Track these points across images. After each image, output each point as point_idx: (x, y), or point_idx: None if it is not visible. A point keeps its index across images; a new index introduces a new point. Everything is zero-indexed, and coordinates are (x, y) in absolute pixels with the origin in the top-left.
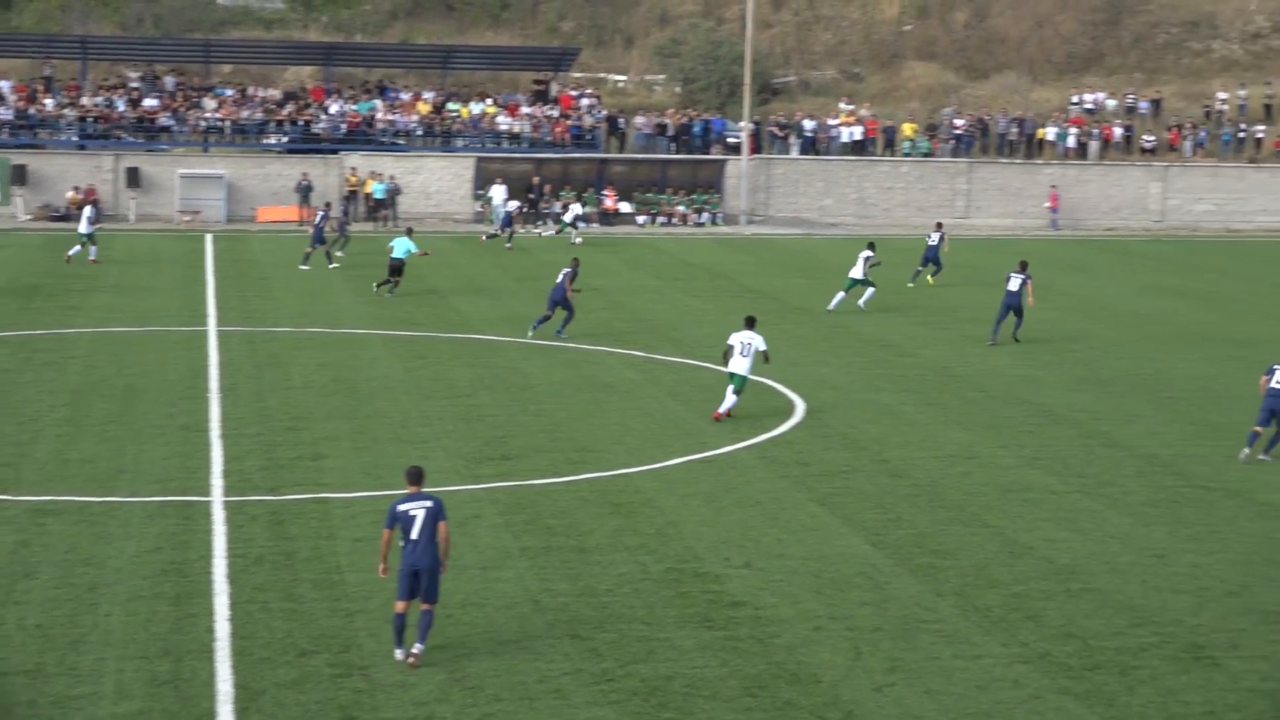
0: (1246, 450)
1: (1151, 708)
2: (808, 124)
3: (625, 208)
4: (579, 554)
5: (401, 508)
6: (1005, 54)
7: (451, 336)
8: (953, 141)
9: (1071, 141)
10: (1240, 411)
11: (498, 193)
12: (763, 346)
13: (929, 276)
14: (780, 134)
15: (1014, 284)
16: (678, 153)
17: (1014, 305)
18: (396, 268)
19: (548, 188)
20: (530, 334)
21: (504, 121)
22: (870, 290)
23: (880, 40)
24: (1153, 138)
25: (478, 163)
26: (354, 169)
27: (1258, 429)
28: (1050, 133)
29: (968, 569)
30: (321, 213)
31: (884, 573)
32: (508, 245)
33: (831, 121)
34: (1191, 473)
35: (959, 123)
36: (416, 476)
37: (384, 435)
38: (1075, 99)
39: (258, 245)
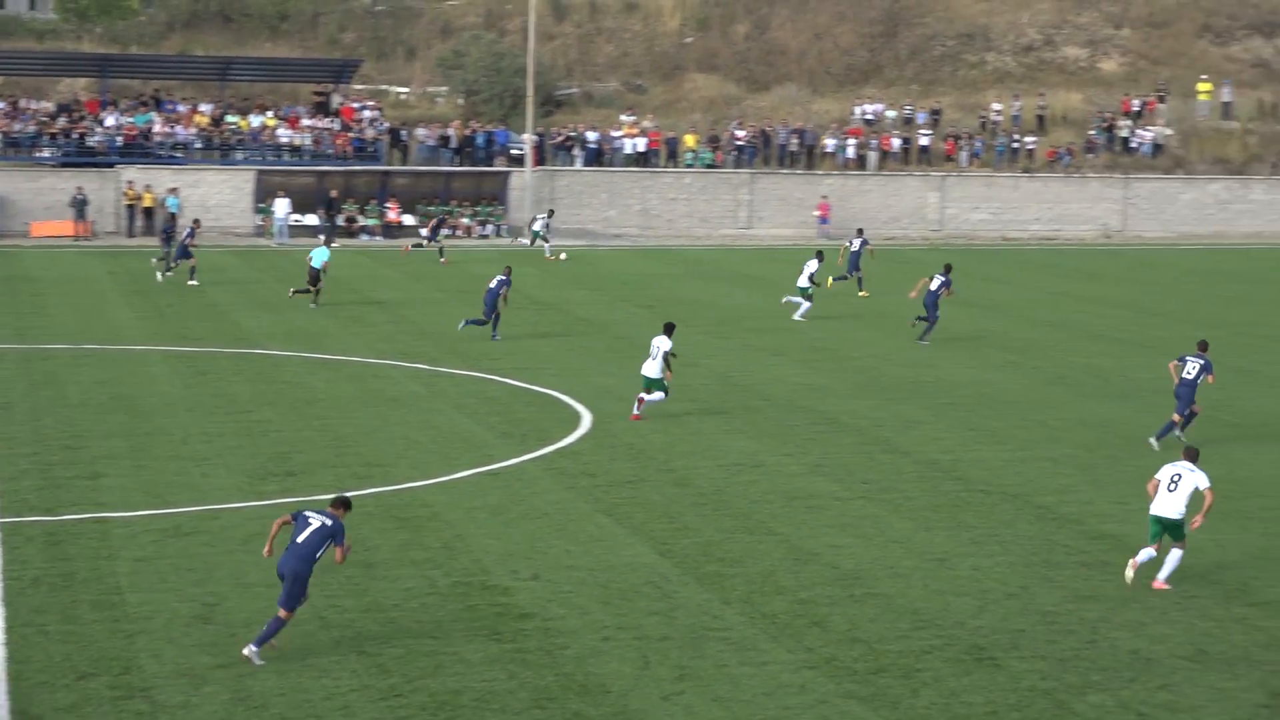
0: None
1: (935, 709)
2: (591, 135)
3: (408, 220)
4: (365, 569)
5: (306, 513)
6: (786, 66)
7: (233, 351)
8: (735, 153)
9: (851, 152)
10: (1016, 416)
11: (280, 206)
12: (667, 347)
13: (857, 288)
14: (564, 145)
15: (935, 284)
16: (461, 165)
17: (932, 304)
18: (314, 277)
19: (340, 198)
20: (460, 328)
21: (285, 134)
22: (806, 304)
23: (662, 52)
24: (929, 136)
25: (258, 176)
26: (130, 182)
27: (1175, 417)
28: (830, 144)
29: (754, 576)
30: (189, 229)
31: (671, 581)
32: (441, 260)
33: (615, 133)
34: (971, 477)
35: (741, 134)
36: (341, 503)
37: (164, 453)
38: (855, 110)
39: (31, 261)
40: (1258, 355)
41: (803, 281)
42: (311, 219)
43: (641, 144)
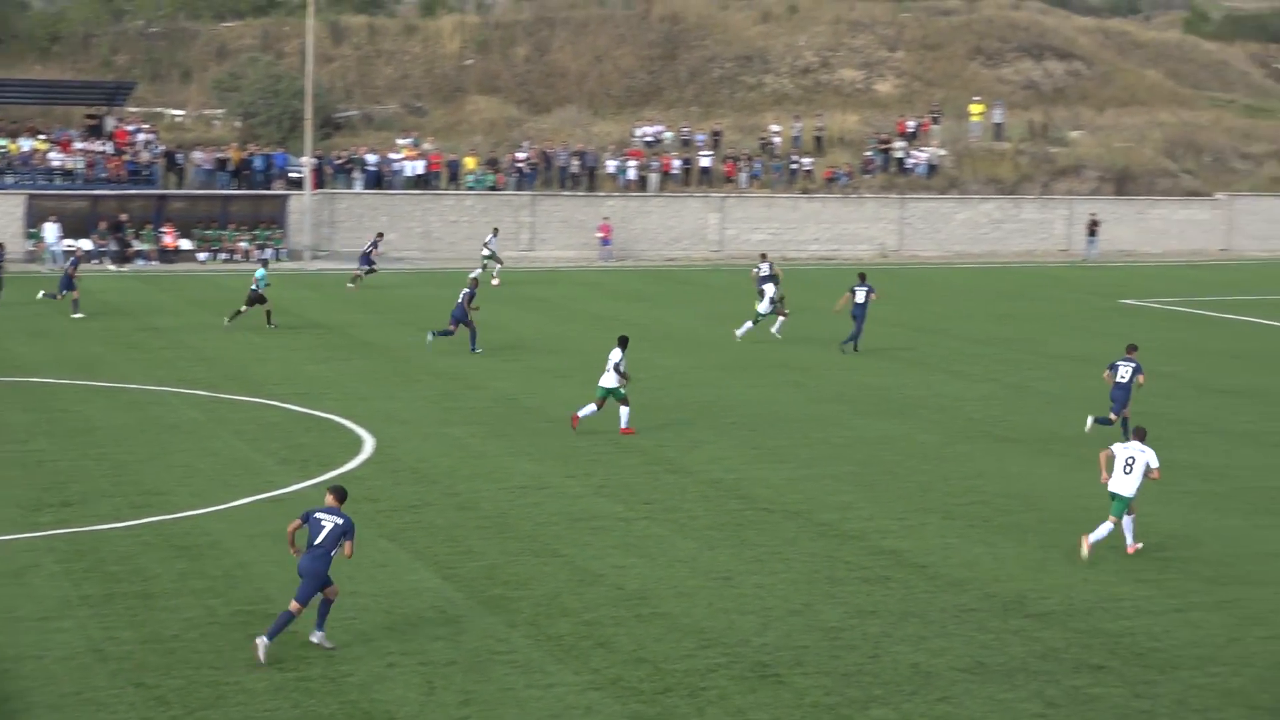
0: (1092, 420)
1: None
2: (371, 158)
3: (185, 244)
4: (144, 600)
5: (317, 514)
6: (566, 88)
7: (6, 380)
8: (516, 175)
9: (632, 174)
10: (798, 434)
11: (50, 230)
12: (618, 359)
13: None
14: (344, 168)
15: (860, 296)
16: (239, 188)
17: (860, 316)
18: (255, 298)
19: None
20: (429, 340)
21: (56, 158)
22: (781, 319)
23: (442, 74)
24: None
25: (29, 200)
26: None
27: (1112, 416)
28: (611, 165)
29: (540, 599)
30: (73, 258)
31: (456, 606)
32: (350, 285)
33: (394, 156)
34: (754, 495)
35: (521, 156)
36: (339, 493)
37: None
38: (635, 132)
39: None
40: (1031, 371)
41: (764, 307)
42: (85, 243)
43: (421, 166)
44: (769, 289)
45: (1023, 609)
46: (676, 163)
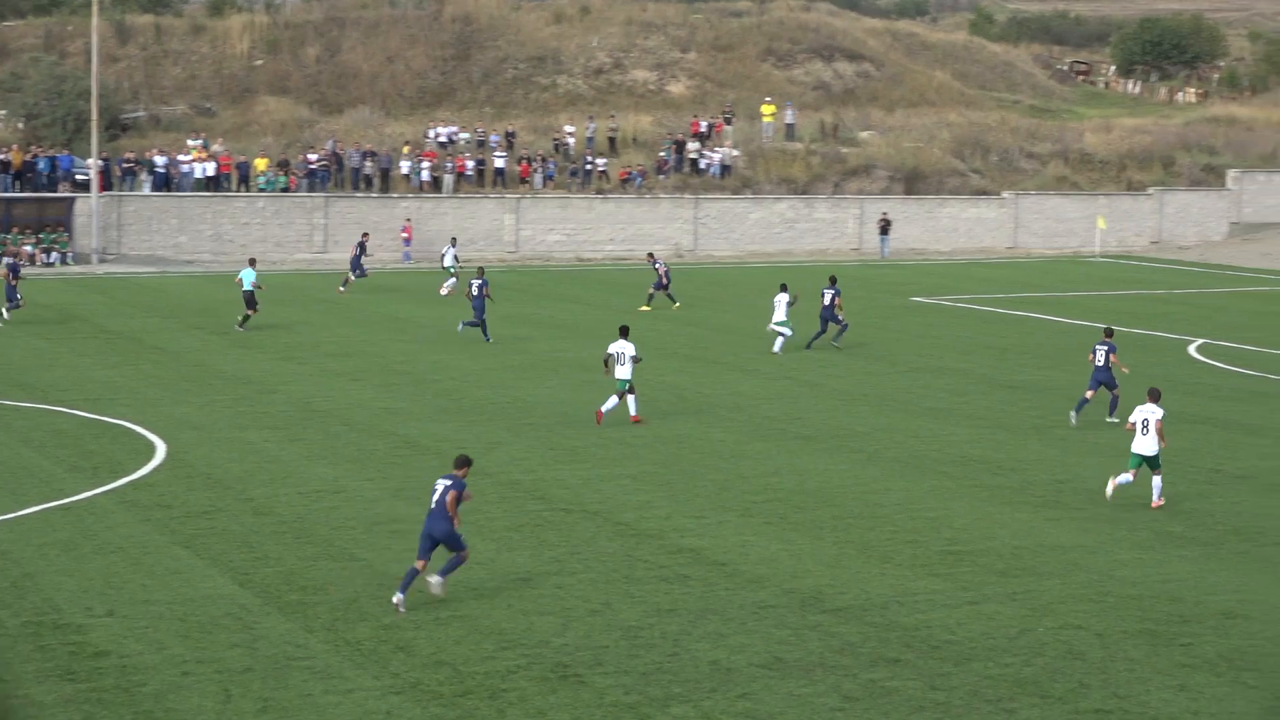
0: (1075, 414)
1: None
2: (159, 160)
3: None
4: None
5: (436, 483)
6: (358, 89)
7: None
8: (308, 176)
9: (426, 175)
10: (595, 434)
11: None
12: (633, 352)
13: (671, 304)
14: (131, 170)
15: (827, 298)
16: (22, 191)
17: (828, 318)
18: (249, 299)
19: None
20: (460, 330)
21: None
22: (786, 332)
23: (231, 75)
24: (499, 158)
25: None
26: None
27: (1088, 395)
28: (404, 166)
29: (338, 604)
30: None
31: (252, 612)
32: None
33: (183, 158)
34: (552, 496)
35: (313, 157)
36: (461, 462)
37: None
38: (429, 133)
39: None
40: (824, 369)
41: (780, 315)
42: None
43: (211, 168)
44: (783, 298)
45: (820, 604)
46: (471, 164)
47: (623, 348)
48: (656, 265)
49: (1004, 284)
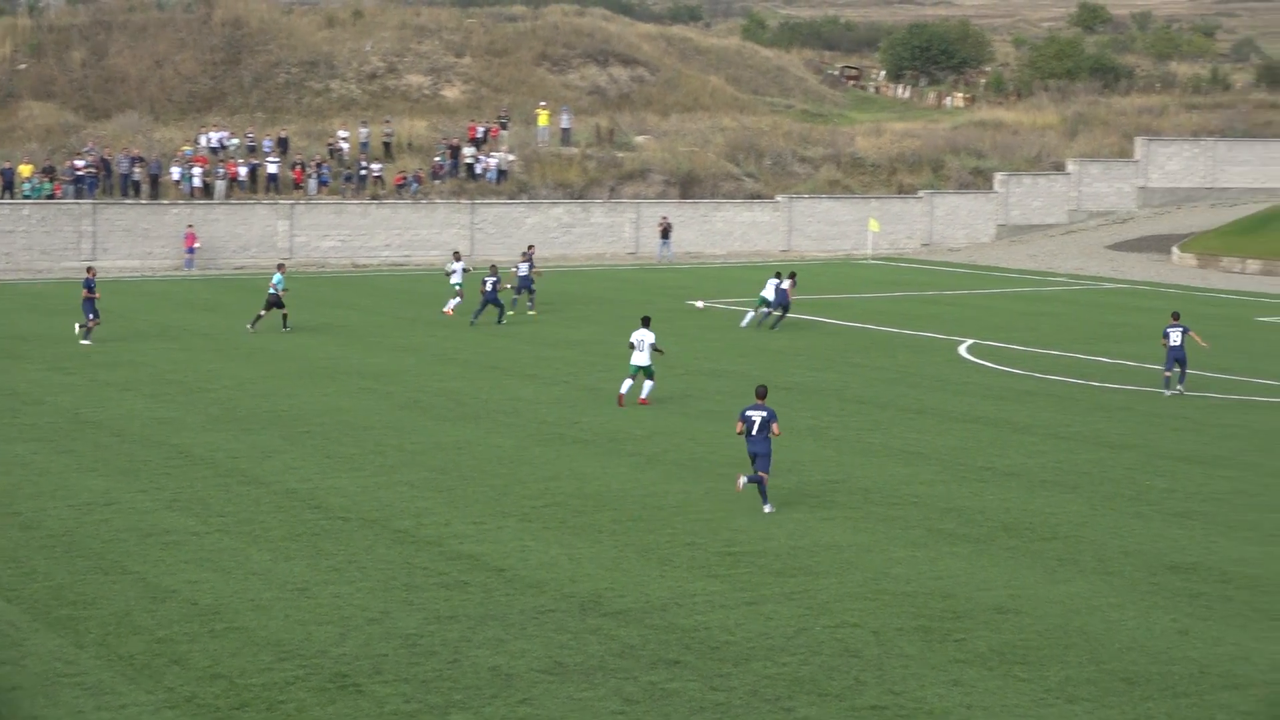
0: (1167, 390)
1: None
2: None
3: None
4: None
5: (748, 411)
6: (126, 93)
7: None
8: (74, 183)
9: (197, 180)
10: (372, 441)
11: None
12: (653, 339)
13: (527, 308)
14: None
15: (786, 283)
16: None
17: (780, 304)
18: (274, 301)
19: None
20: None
21: None
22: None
23: None
24: (273, 164)
25: None
26: None
27: (1167, 374)
28: (175, 172)
29: (109, 618)
30: None
31: (20, 629)
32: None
33: None
34: (329, 504)
35: (80, 164)
36: (762, 393)
37: None
38: (200, 138)
39: None
40: (602, 374)
41: (769, 293)
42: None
43: None
44: (774, 283)
45: (600, 608)
46: (243, 169)
47: (643, 335)
48: (523, 266)
49: None
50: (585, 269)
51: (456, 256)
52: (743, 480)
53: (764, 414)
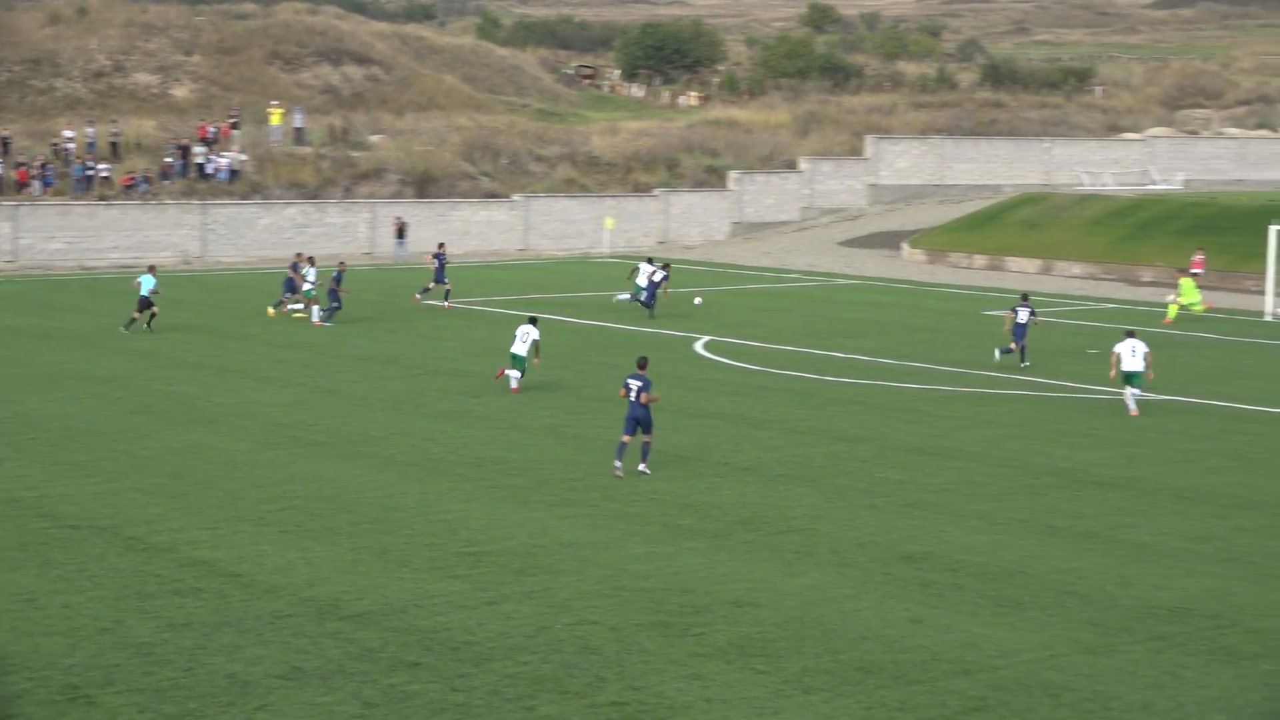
0: (998, 354)
1: None
2: None
3: None
4: None
5: (629, 380)
6: None
7: None
8: None
9: None
10: (103, 448)
11: None
12: (536, 337)
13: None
14: None
15: (657, 276)
16: None
17: (650, 293)
18: (146, 302)
19: None
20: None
21: None
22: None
23: None
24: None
25: None
26: None
27: (1012, 346)
28: None
29: None
30: None
31: None
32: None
33: None
34: (58, 513)
35: None
36: (642, 364)
37: None
38: None
39: None
40: (338, 375)
41: (642, 280)
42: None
43: None
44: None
45: (338, 611)
46: None
47: (526, 330)
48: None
49: (516, 285)
50: (320, 269)
51: (310, 261)
52: (619, 462)
53: (640, 383)
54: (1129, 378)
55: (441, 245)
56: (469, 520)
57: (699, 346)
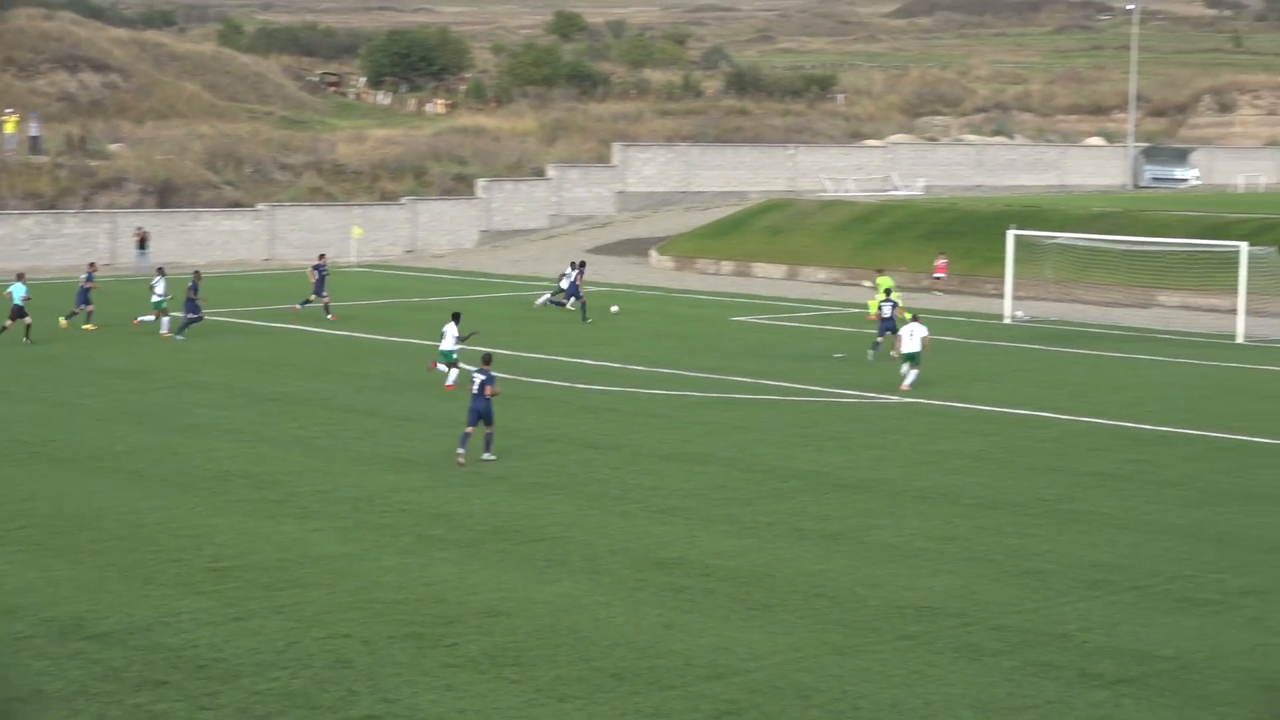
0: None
1: None
2: None
3: None
4: None
5: (473, 373)
6: None
7: None
8: None
9: None
10: None
11: None
12: (455, 332)
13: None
14: None
15: (565, 283)
16: None
17: (572, 293)
18: (19, 311)
19: None
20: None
21: None
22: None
23: None
24: None
25: None
26: None
27: (878, 339)
28: None
29: None
30: None
31: None
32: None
33: None
34: None
35: None
36: (487, 359)
37: None
38: None
39: None
40: (80, 389)
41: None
42: None
43: None
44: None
45: (81, 631)
46: None
47: (448, 328)
48: (318, 269)
49: (262, 296)
50: (58, 282)
51: (160, 272)
52: (462, 449)
53: (483, 377)
54: (908, 357)
55: (322, 256)
56: (215, 535)
57: None
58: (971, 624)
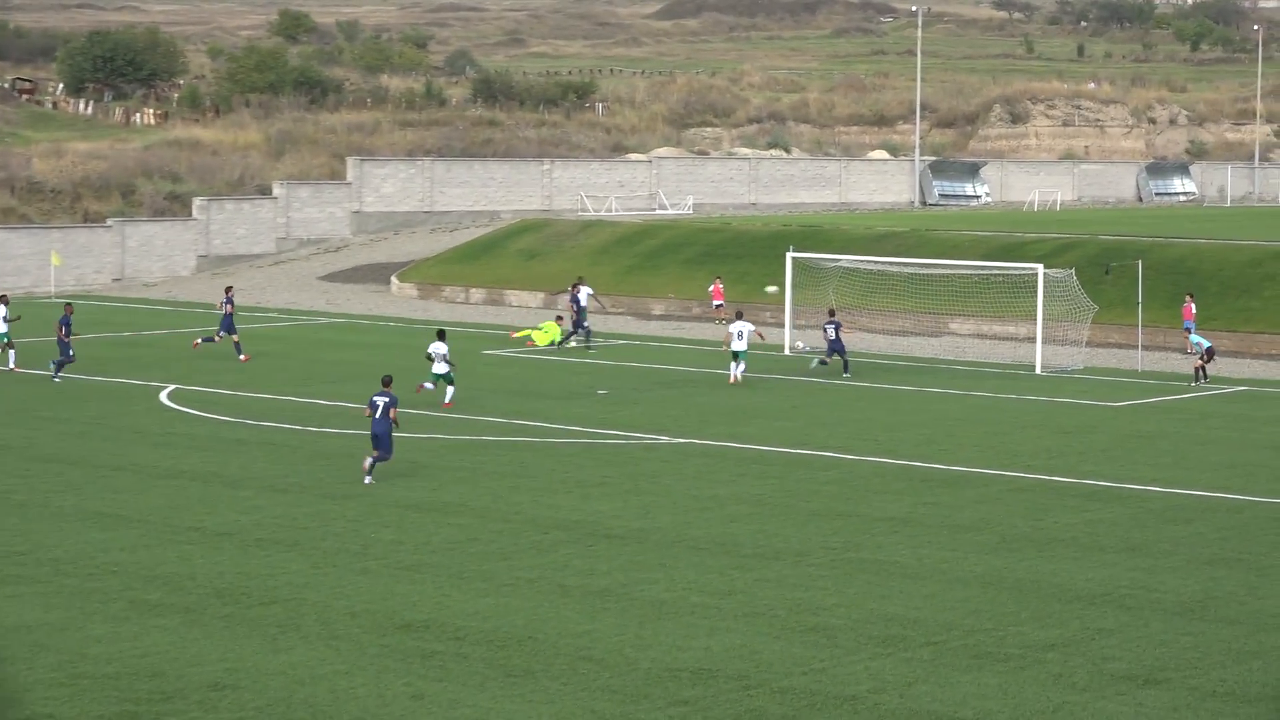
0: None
1: None
2: None
3: None
4: None
5: (375, 398)
6: None
7: None
8: None
9: None
10: None
11: None
12: (445, 351)
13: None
14: None
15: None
16: None
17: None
18: None
19: None
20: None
21: None
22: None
23: None
24: None
25: None
26: None
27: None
28: None
29: None
30: None
31: None
32: None
33: None
34: None
35: None
36: (387, 381)
37: None
38: None
39: None
40: None
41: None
42: None
43: None
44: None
45: None
46: None
47: (436, 347)
48: (226, 304)
49: None
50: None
51: (3, 300)
52: (369, 461)
53: (386, 399)
54: (736, 355)
55: (229, 289)
56: None
57: (164, 396)
58: (753, 687)
